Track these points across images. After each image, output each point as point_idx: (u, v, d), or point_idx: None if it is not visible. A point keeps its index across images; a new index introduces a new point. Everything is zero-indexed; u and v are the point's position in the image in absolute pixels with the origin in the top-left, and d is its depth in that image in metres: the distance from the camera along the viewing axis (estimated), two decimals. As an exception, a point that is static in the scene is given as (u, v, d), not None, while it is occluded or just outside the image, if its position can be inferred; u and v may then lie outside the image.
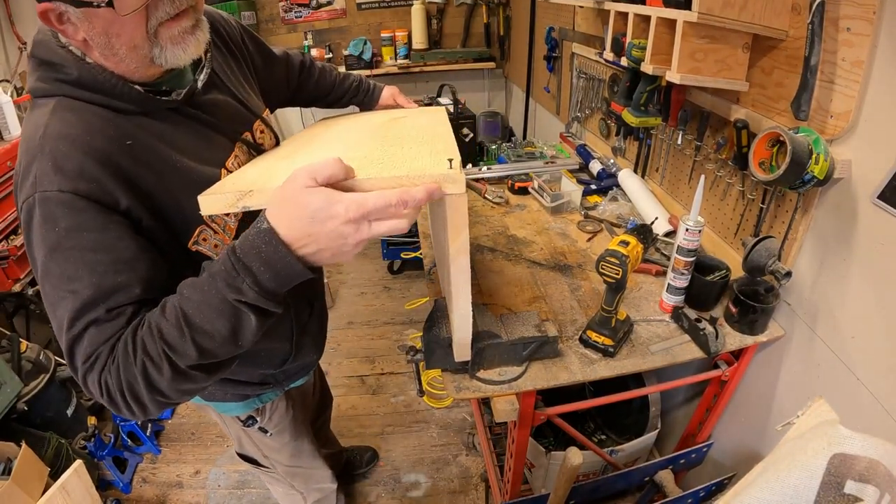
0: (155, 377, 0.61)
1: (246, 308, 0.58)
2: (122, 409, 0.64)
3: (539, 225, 1.65)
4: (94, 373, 0.63)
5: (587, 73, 2.10)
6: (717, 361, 1.21)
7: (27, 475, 1.47)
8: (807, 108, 0.96)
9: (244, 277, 0.57)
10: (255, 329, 0.61)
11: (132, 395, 0.62)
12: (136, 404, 0.63)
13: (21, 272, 2.02)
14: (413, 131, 0.96)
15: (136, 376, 0.61)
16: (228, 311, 0.58)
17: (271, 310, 0.61)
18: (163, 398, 0.63)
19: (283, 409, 1.20)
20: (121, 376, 0.61)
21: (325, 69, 1.31)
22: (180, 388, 0.63)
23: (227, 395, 1.07)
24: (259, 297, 0.58)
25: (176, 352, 0.60)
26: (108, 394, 0.62)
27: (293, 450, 1.29)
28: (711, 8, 0.99)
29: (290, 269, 0.57)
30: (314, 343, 1.17)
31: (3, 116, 2.13)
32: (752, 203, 1.21)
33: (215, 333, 0.59)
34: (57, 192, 0.62)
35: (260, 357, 1.03)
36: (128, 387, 0.61)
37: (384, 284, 3.15)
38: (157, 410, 0.65)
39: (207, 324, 0.59)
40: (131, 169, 0.68)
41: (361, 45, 3.43)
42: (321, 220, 0.55)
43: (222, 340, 0.60)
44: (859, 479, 0.60)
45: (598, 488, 1.33)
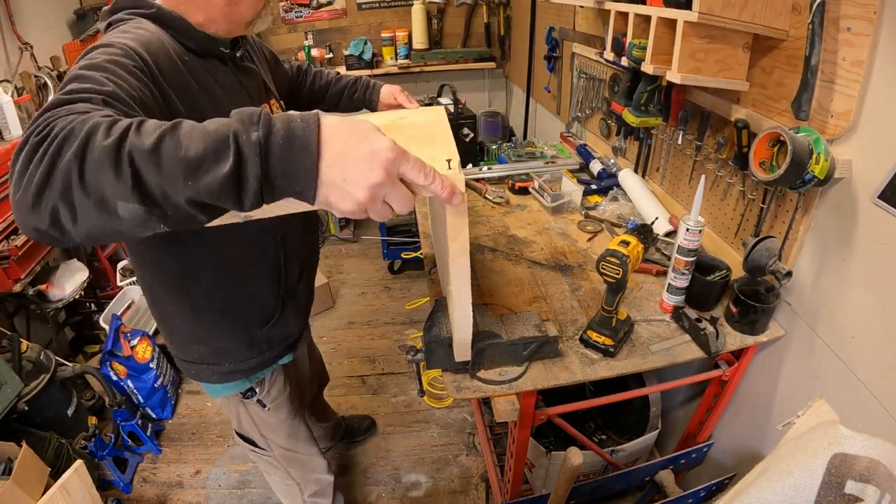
0: (98, 137, 0.50)
1: (233, 150, 0.49)
2: (33, 154, 0.51)
3: (539, 225, 1.65)
4: (52, 111, 0.55)
5: (587, 73, 2.10)
6: (718, 361, 1.21)
7: (27, 475, 1.47)
8: (807, 108, 0.96)
9: (260, 127, 0.50)
10: (215, 183, 0.49)
11: (61, 141, 0.50)
12: (52, 155, 0.50)
13: (21, 272, 2.02)
14: (412, 132, 0.96)
15: (85, 124, 0.51)
16: (217, 139, 0.49)
17: (247, 179, 0.50)
18: (78, 172, 0.49)
19: (281, 385, 1.23)
20: (71, 121, 0.52)
21: (320, 71, 1.41)
22: (102, 170, 0.49)
23: (213, 375, 1.11)
24: (254, 149, 0.49)
25: (138, 130, 0.50)
26: (43, 134, 0.52)
27: (289, 429, 1.31)
28: (712, 8, 0.99)
29: (303, 152, 0.50)
30: (298, 313, 1.19)
31: (3, 116, 2.13)
32: (753, 203, 1.21)
33: (185, 147, 0.49)
34: (120, 45, 0.74)
35: (247, 306, 1.07)
36: (67, 133, 0.51)
37: (385, 284, 3.15)
38: (57, 197, 0.50)
39: (187, 137, 0.50)
40: (182, 74, 0.83)
41: (362, 45, 3.43)
42: (363, 134, 0.53)
43: (182, 159, 0.49)
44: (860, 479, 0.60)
45: (598, 488, 1.33)
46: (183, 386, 2.46)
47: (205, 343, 1.07)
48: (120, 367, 2.07)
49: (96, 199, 0.49)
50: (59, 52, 2.87)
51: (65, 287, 2.29)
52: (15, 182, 0.51)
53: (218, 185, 0.49)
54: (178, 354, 1.12)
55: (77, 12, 2.98)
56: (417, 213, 1.79)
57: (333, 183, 0.52)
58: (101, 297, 2.71)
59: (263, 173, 0.50)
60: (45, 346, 1.99)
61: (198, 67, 0.87)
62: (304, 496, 1.51)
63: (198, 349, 1.08)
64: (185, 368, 1.13)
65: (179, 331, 1.07)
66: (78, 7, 3.00)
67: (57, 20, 2.91)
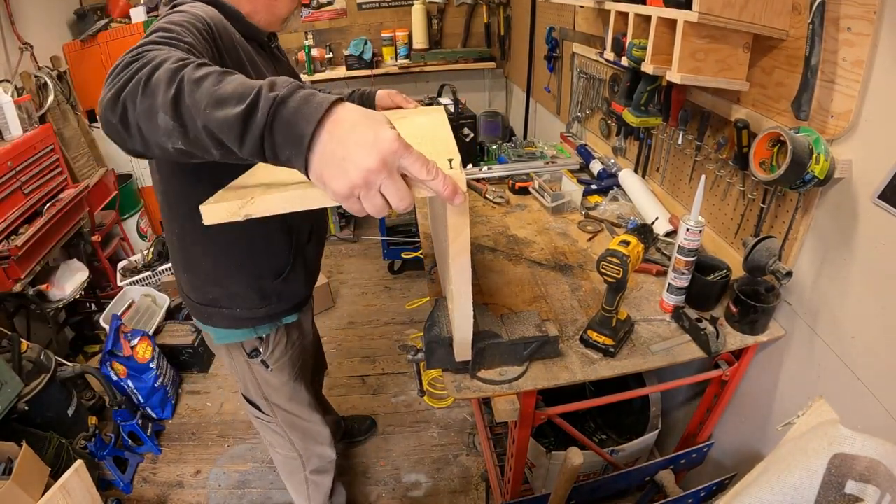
0: (171, 61, 0.63)
1: (250, 99, 0.56)
2: (125, 68, 0.65)
3: (540, 225, 1.65)
4: (148, 45, 0.70)
5: (588, 73, 2.10)
6: (718, 361, 1.22)
7: (28, 475, 1.47)
8: (807, 108, 0.96)
9: (284, 89, 0.57)
10: (226, 120, 0.57)
11: (146, 62, 0.64)
12: (136, 69, 0.64)
13: (21, 272, 2.02)
14: (412, 132, 0.96)
15: (168, 54, 0.65)
16: (245, 89, 0.57)
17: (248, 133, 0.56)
18: (143, 85, 0.62)
19: (284, 346, 1.28)
20: (158, 52, 0.67)
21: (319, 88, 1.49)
22: (160, 83, 0.61)
23: (224, 320, 1.18)
24: (266, 106, 0.55)
25: (198, 67, 0.62)
26: (135, 55, 0.66)
27: (291, 392, 1.36)
28: (712, 8, 0.99)
29: (307, 120, 0.55)
30: (307, 272, 1.27)
31: (4, 116, 2.13)
32: (753, 203, 1.21)
33: (222, 85, 0.59)
34: (189, 13, 0.86)
35: (264, 257, 1.14)
36: (152, 58, 0.65)
37: (385, 284, 3.15)
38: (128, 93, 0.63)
39: (228, 81, 0.59)
40: (234, 48, 0.95)
41: (362, 45, 3.43)
42: (373, 122, 0.55)
43: (214, 91, 0.58)
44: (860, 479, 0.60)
45: (598, 488, 1.33)
46: (183, 386, 2.46)
47: (222, 286, 1.14)
48: (120, 367, 2.07)
49: (149, 106, 0.61)
50: (59, 52, 2.87)
51: (65, 287, 2.29)
52: (105, 85, 0.65)
53: (227, 122, 0.56)
54: (195, 297, 1.18)
55: (77, 12, 2.98)
56: (417, 212, 1.79)
57: (332, 158, 0.54)
58: (101, 297, 2.71)
59: (267, 126, 0.55)
60: (45, 346, 1.98)
61: (247, 47, 1.00)
62: (306, 471, 1.52)
63: (214, 291, 1.15)
64: (198, 311, 1.19)
65: (203, 272, 1.14)
66: (78, 7, 3.00)
67: (57, 20, 2.91)
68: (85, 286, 2.39)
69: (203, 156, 0.62)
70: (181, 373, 2.50)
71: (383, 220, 3.00)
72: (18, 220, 2.07)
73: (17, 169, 2.09)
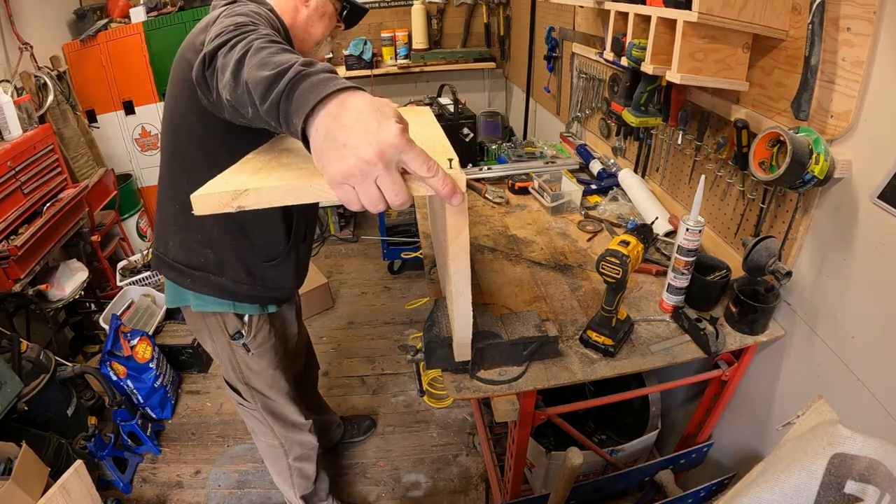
0: (253, 35, 0.75)
1: (280, 69, 0.63)
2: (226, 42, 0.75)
3: (539, 225, 1.65)
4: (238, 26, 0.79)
5: (587, 73, 2.10)
6: (718, 361, 1.22)
7: (27, 475, 1.46)
8: (807, 108, 0.96)
9: (314, 69, 0.61)
10: (260, 79, 0.64)
11: (241, 35, 0.75)
12: (234, 42, 0.74)
13: (21, 272, 2.02)
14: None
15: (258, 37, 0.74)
16: (287, 60, 0.64)
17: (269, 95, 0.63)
18: (240, 57, 0.71)
19: (266, 333, 1.31)
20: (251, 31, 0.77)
21: None
22: (233, 53, 0.72)
23: (207, 286, 1.19)
24: (290, 77, 0.61)
25: (269, 43, 0.72)
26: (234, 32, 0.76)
27: (270, 379, 1.39)
28: (711, 8, 0.99)
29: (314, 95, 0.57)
30: (297, 268, 1.30)
31: (3, 116, 2.13)
32: (753, 203, 1.21)
33: (274, 57, 0.67)
34: (256, 9, 0.92)
35: (261, 238, 1.18)
36: (246, 33, 0.76)
37: (384, 284, 3.15)
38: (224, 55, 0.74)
39: (282, 56, 0.67)
40: None
41: (361, 45, 3.43)
42: (381, 114, 0.55)
43: (263, 58, 0.67)
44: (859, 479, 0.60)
45: (598, 488, 1.33)
46: (183, 386, 2.46)
47: (216, 250, 1.16)
48: (120, 367, 2.07)
49: (233, 65, 0.71)
50: (58, 52, 2.87)
51: (65, 287, 2.29)
52: (208, 44, 0.77)
53: (259, 82, 0.64)
54: (183, 259, 1.18)
55: (77, 12, 2.98)
56: (417, 212, 1.79)
57: (334, 143, 0.55)
58: (100, 297, 2.70)
59: (285, 93, 0.60)
60: (44, 346, 1.98)
61: None
62: (289, 459, 1.54)
63: (205, 253, 1.16)
64: (183, 275, 1.19)
65: (203, 233, 1.15)
66: (78, 7, 3.00)
67: (57, 20, 2.91)
68: (85, 286, 2.39)
69: (245, 112, 0.69)
70: (181, 373, 2.50)
71: (383, 221, 3.00)
72: (18, 220, 2.07)
73: (16, 169, 2.08)
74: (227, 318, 1.25)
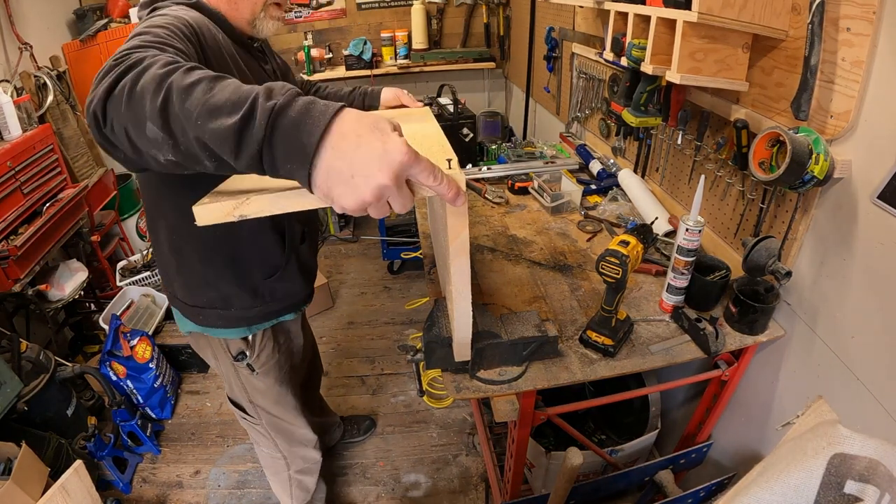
0: (156, 66, 0.60)
1: (245, 108, 0.53)
2: (108, 73, 0.62)
3: (539, 225, 1.65)
4: (129, 49, 0.67)
5: (587, 73, 2.10)
6: (717, 361, 1.21)
7: (27, 475, 1.46)
8: (807, 108, 0.96)
9: (282, 97, 0.53)
10: (220, 132, 0.53)
11: (129, 66, 0.61)
12: (119, 74, 0.61)
13: (21, 272, 2.02)
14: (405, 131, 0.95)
15: (154, 59, 0.62)
16: (239, 96, 0.54)
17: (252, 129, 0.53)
18: (128, 92, 0.59)
19: (270, 350, 1.27)
20: (143, 55, 0.63)
21: (320, 86, 1.48)
22: (145, 91, 0.58)
23: (219, 320, 1.17)
24: (263, 117, 0.52)
25: (187, 72, 0.59)
26: (119, 59, 0.64)
27: (277, 396, 1.35)
28: (711, 8, 0.99)
29: (309, 133, 0.52)
30: (302, 272, 1.25)
31: (3, 116, 2.13)
32: (752, 203, 1.21)
33: (213, 93, 0.55)
34: (171, 16, 0.84)
35: (254, 257, 1.13)
36: (136, 61, 0.62)
37: (384, 284, 3.15)
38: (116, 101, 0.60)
39: (220, 88, 0.56)
40: (218, 50, 0.92)
41: (361, 45, 3.43)
42: (380, 132, 0.52)
43: (206, 100, 0.55)
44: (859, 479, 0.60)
45: (598, 488, 1.33)
46: (182, 386, 2.46)
47: (216, 288, 1.13)
48: (119, 367, 2.07)
49: (135, 116, 0.58)
50: (58, 52, 2.86)
51: (64, 287, 2.29)
52: (91, 93, 0.62)
53: (221, 134, 0.53)
54: (189, 300, 1.16)
55: (77, 12, 2.98)
56: (417, 212, 1.79)
57: (339, 176, 0.52)
58: (100, 297, 2.70)
59: (266, 138, 0.52)
60: (44, 346, 1.98)
61: (231, 50, 0.98)
62: (290, 471, 1.53)
63: (207, 294, 1.13)
64: (192, 313, 1.17)
65: (194, 274, 1.12)
66: (78, 7, 3.00)
67: (57, 20, 2.91)
68: (84, 286, 2.39)
69: (196, 168, 0.59)
70: (180, 373, 2.50)
71: (383, 221, 3.00)
72: (18, 220, 2.07)
73: (16, 169, 2.08)
74: (231, 340, 1.22)
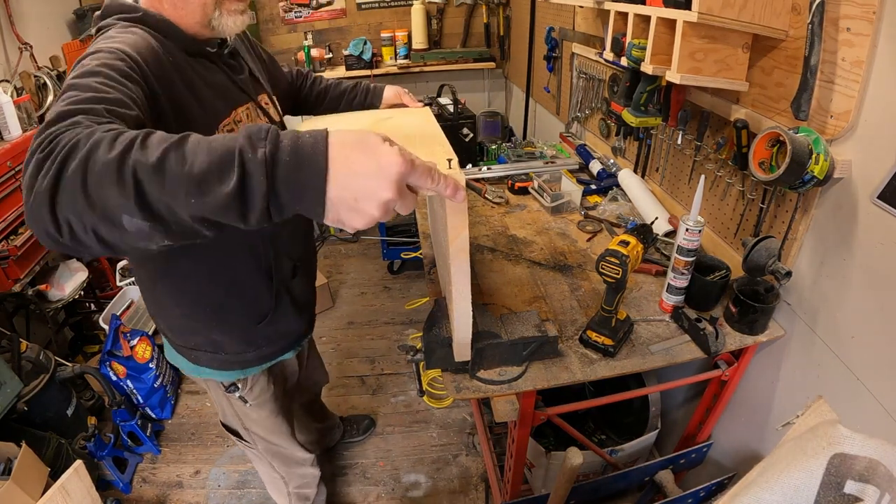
0: (101, 150, 0.50)
1: (237, 165, 0.48)
2: (38, 171, 0.51)
3: (539, 225, 1.65)
4: (56, 126, 0.55)
5: (587, 73, 2.10)
6: (717, 361, 1.21)
7: (27, 475, 1.46)
8: (807, 108, 0.96)
9: (268, 143, 0.49)
10: (220, 200, 0.49)
11: (65, 156, 0.51)
12: (56, 171, 0.50)
13: (21, 272, 2.02)
14: (404, 131, 0.95)
15: (90, 138, 0.51)
16: (222, 155, 0.49)
17: (253, 195, 0.49)
18: (82, 181, 0.49)
19: (265, 383, 1.23)
20: (77, 134, 0.52)
21: (320, 76, 1.44)
22: (104, 181, 0.49)
23: (212, 362, 1.12)
24: (260, 167, 0.48)
25: (143, 145, 0.50)
26: (48, 150, 0.52)
27: (272, 426, 1.32)
28: (711, 8, 0.99)
29: (311, 172, 0.49)
30: (298, 308, 1.18)
31: (3, 116, 2.13)
32: (752, 203, 1.21)
33: (189, 164, 0.49)
34: (107, 50, 0.75)
35: (240, 303, 1.07)
36: (71, 147, 0.51)
37: (384, 284, 3.15)
38: (63, 206, 0.50)
39: (192, 152, 0.50)
40: (168, 73, 0.82)
41: (361, 45, 3.43)
42: (372, 149, 0.50)
43: (186, 175, 0.48)
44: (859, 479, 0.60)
45: (598, 488, 1.33)
46: (183, 386, 2.46)
47: (201, 335, 1.09)
48: (119, 367, 2.07)
49: (102, 213, 0.49)
50: (58, 52, 2.86)
51: (64, 287, 2.29)
52: (25, 197, 0.51)
53: (222, 203, 0.49)
54: (179, 341, 1.13)
55: (77, 12, 2.98)
56: (417, 213, 1.79)
57: (343, 203, 0.51)
58: (100, 297, 2.70)
59: (269, 190, 0.49)
60: (44, 346, 1.98)
61: (185, 67, 0.87)
62: (289, 488, 1.52)
63: (195, 339, 1.10)
64: (184, 352, 1.14)
65: (177, 323, 1.10)
66: (78, 7, 3.00)
67: (56, 20, 2.91)
68: (84, 286, 2.39)
69: (193, 241, 0.54)
70: (180, 373, 2.50)
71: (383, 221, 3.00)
72: (18, 219, 2.07)
73: (16, 169, 2.08)
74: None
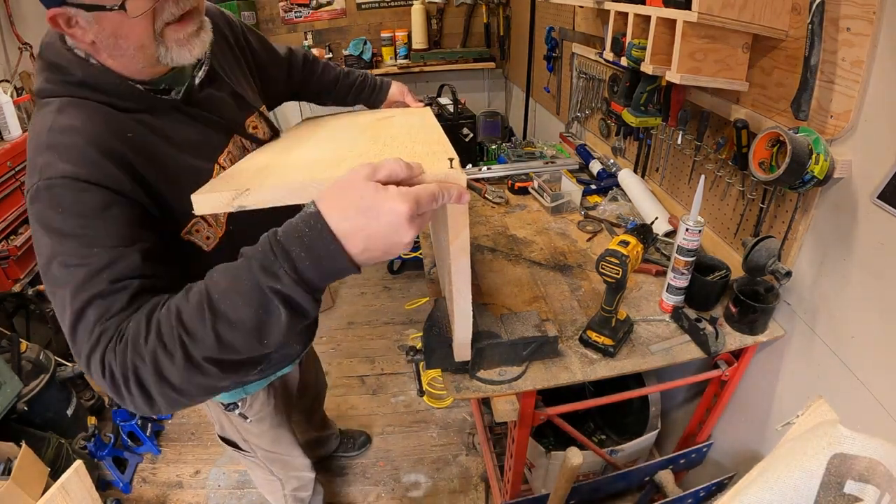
0: (165, 364, 0.55)
1: (278, 299, 0.53)
2: (125, 397, 0.58)
3: (539, 225, 1.65)
4: (98, 352, 0.58)
5: (587, 73, 2.10)
6: (717, 361, 1.21)
7: (27, 475, 1.46)
8: (807, 108, 0.96)
9: (282, 262, 0.52)
10: (284, 327, 0.55)
11: (137, 382, 0.56)
12: (141, 393, 0.57)
13: (21, 272, 2.02)
14: (405, 131, 0.95)
15: (145, 359, 0.56)
16: (258, 299, 0.53)
17: (305, 307, 0.55)
18: (172, 391, 0.57)
19: (264, 398, 1.22)
20: (127, 359, 0.56)
21: (328, 65, 1.34)
22: (192, 382, 0.57)
23: None
24: (295, 287, 0.52)
25: (193, 338, 0.55)
26: (112, 378, 0.57)
27: (273, 437, 1.31)
28: (711, 8, 0.99)
29: (333, 260, 0.52)
30: (299, 333, 1.17)
31: (3, 116, 2.13)
32: (752, 203, 1.21)
33: (239, 323, 0.54)
34: (60, 178, 0.63)
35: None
36: (133, 371, 0.56)
37: (384, 284, 3.15)
38: (168, 406, 0.59)
39: (232, 311, 0.53)
40: (133, 159, 0.71)
41: (361, 45, 3.43)
42: (374, 209, 0.52)
43: (246, 333, 0.54)
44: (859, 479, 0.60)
45: (598, 488, 1.33)
46: (182, 386, 2.46)
47: None
48: (119, 367, 2.07)
49: (204, 397, 0.62)
50: (58, 51, 2.87)
51: (64, 287, 2.29)
52: (117, 400, 0.59)
53: (286, 328, 0.55)
54: None
55: (76, 12, 2.98)
56: (417, 213, 1.79)
57: (375, 258, 0.55)
58: (100, 297, 2.70)
59: (311, 292, 0.54)
60: (44, 346, 1.98)
61: (141, 138, 0.74)
62: (286, 490, 1.51)
63: None
64: None
65: None
66: (77, 7, 3.00)
67: (56, 20, 2.91)
68: (84, 286, 2.38)
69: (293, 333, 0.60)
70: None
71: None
72: (18, 219, 2.07)
73: (16, 169, 2.09)
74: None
